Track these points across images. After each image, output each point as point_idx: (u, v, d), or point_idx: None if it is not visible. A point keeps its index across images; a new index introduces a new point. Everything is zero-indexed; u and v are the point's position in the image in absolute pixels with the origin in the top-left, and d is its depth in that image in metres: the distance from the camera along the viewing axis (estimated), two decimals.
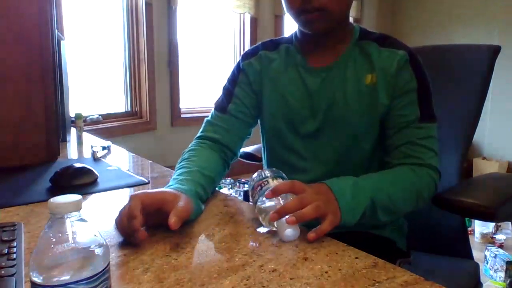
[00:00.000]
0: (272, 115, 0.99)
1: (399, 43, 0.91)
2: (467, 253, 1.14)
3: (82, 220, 0.42)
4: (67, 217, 0.40)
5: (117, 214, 0.67)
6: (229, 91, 1.02)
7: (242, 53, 1.04)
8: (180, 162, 0.90)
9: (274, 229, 0.69)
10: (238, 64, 1.03)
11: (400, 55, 0.88)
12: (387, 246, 0.95)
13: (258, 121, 1.06)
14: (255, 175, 0.80)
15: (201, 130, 1.02)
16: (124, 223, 0.64)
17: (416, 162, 0.87)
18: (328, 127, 0.93)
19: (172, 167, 0.99)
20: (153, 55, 3.31)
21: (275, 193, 0.70)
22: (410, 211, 0.85)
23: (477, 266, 1.09)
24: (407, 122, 0.88)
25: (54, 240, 0.40)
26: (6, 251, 0.58)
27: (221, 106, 1.01)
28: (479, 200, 0.88)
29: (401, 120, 0.89)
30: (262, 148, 1.10)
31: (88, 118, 2.93)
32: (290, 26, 4.09)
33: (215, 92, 3.83)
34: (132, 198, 0.67)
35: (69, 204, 0.41)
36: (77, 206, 0.41)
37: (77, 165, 0.98)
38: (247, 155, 1.39)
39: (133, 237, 0.63)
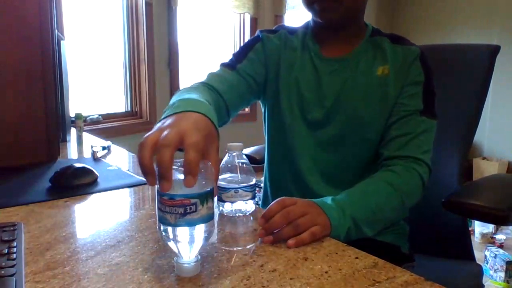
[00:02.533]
0: (286, 96, 0.98)
1: (410, 41, 0.95)
2: (469, 255, 1.13)
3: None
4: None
5: (116, 214, 0.67)
6: (242, 53, 1.00)
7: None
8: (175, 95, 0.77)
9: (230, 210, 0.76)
10: (257, 35, 1.02)
11: (413, 50, 0.92)
12: (392, 252, 0.95)
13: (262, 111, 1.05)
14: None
15: (203, 80, 0.94)
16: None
17: (407, 155, 0.86)
18: (335, 116, 0.93)
19: None
20: (153, 55, 3.31)
21: (266, 217, 0.67)
22: (398, 216, 0.84)
23: (480, 268, 1.09)
24: (409, 112, 0.89)
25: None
26: (6, 251, 0.58)
27: (230, 65, 0.99)
28: (492, 203, 0.88)
29: (403, 109, 0.89)
30: (266, 144, 1.08)
31: (88, 118, 2.93)
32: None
33: None
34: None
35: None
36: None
37: (77, 165, 0.98)
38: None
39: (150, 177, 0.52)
